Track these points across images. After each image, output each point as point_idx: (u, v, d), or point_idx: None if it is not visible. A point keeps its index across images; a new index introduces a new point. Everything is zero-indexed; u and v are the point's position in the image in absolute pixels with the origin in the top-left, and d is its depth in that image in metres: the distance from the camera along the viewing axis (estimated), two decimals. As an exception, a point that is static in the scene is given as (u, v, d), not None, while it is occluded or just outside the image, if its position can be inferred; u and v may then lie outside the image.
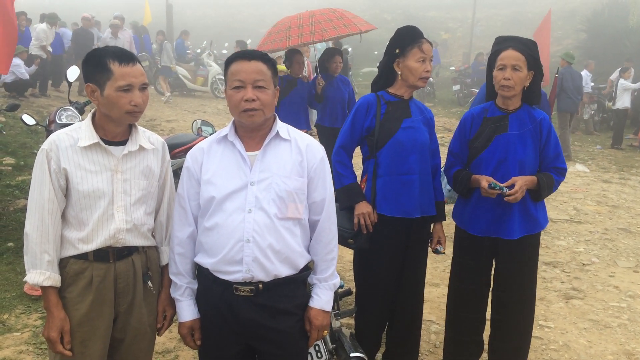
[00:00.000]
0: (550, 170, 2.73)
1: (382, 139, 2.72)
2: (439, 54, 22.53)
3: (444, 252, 2.93)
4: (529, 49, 2.62)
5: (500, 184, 2.58)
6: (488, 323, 2.98)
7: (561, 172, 2.74)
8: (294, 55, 6.02)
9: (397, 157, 2.70)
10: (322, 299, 1.99)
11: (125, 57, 1.88)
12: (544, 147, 2.71)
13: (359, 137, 2.80)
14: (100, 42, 12.29)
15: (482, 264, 2.83)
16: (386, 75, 2.81)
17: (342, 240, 2.68)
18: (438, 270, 4.60)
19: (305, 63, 7.31)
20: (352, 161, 2.89)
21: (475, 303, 2.89)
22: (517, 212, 2.68)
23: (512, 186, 2.58)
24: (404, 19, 23.33)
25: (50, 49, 11.39)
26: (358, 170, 2.89)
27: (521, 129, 2.68)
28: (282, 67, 6.95)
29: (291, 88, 5.96)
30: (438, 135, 3.09)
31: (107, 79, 1.86)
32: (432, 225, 2.90)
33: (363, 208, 2.71)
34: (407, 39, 2.71)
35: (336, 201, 2.16)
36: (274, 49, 5.90)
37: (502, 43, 2.68)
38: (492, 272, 2.89)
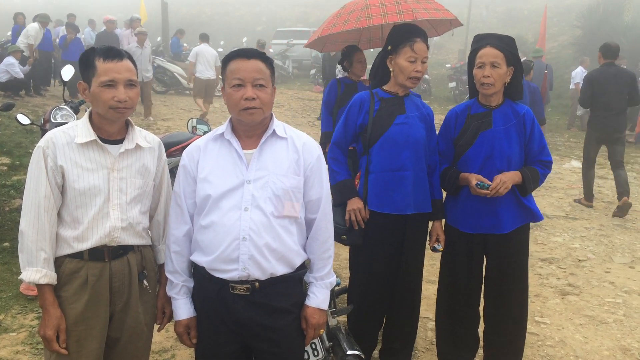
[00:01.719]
0: (535, 164, 2.74)
1: (374, 135, 2.72)
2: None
3: (442, 250, 2.93)
4: (507, 45, 2.63)
5: (488, 182, 2.60)
6: (482, 320, 2.99)
7: (546, 165, 2.76)
8: (353, 53, 4.78)
9: (389, 153, 2.70)
10: (318, 298, 2.00)
11: (111, 53, 1.88)
12: (529, 141, 2.72)
13: (353, 134, 2.80)
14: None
15: (473, 260, 2.84)
16: (381, 72, 2.81)
17: (336, 237, 2.67)
18: (434, 268, 4.60)
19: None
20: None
21: (469, 299, 2.90)
22: (506, 206, 2.70)
23: None
24: (401, 17, 23.23)
25: (33, 42, 11.10)
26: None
27: (506, 124, 2.69)
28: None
29: (351, 94, 4.54)
30: (434, 134, 3.08)
31: (92, 75, 1.87)
32: (430, 222, 2.90)
33: (354, 204, 2.72)
34: (400, 36, 2.70)
35: None
36: (347, 30, 4.46)
37: (480, 41, 2.70)
38: (484, 267, 2.90)
